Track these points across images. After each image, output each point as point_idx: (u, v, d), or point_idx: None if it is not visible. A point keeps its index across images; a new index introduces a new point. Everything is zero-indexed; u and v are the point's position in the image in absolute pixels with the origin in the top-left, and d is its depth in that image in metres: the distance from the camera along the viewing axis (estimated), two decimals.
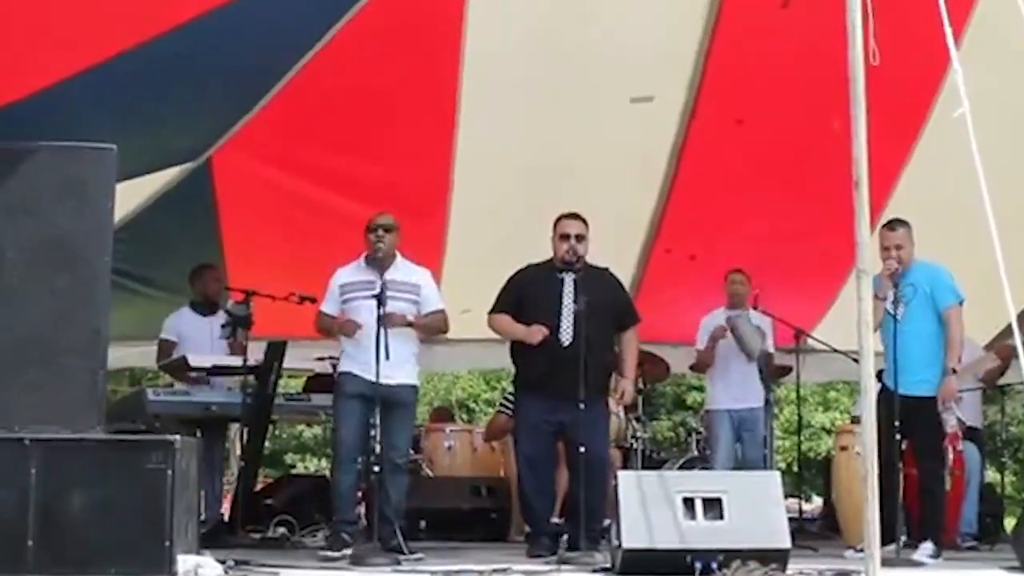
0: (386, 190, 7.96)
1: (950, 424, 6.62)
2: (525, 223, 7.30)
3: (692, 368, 8.83)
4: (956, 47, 4.65)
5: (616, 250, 9.08)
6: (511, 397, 7.87)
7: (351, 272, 6.47)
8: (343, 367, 6.42)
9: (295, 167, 8.05)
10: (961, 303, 6.56)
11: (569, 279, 6.48)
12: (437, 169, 8.20)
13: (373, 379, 6.01)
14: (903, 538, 6.20)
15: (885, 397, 6.26)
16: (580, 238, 6.51)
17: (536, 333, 6.40)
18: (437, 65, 7.29)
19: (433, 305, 6.55)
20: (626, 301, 6.93)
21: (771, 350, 8.05)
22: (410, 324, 6.36)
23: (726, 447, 7.96)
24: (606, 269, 6.74)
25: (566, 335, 6.38)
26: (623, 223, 8.95)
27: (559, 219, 6.62)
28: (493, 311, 6.66)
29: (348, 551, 5.96)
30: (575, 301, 6.35)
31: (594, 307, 6.33)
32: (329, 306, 6.50)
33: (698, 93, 7.73)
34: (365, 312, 6.20)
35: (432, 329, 6.69)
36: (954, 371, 6.49)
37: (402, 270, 6.44)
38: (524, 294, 6.61)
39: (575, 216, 6.60)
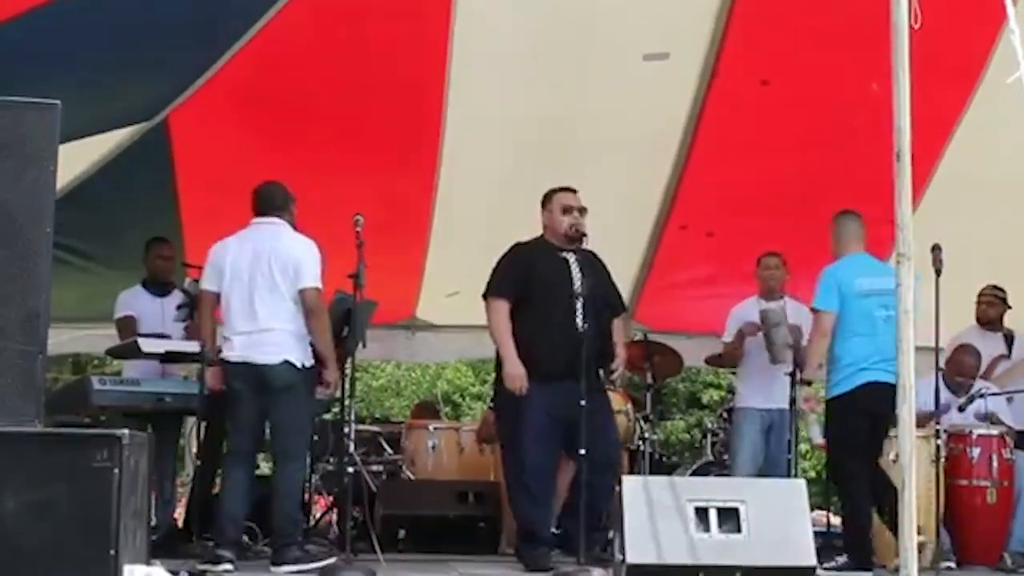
0: (367, 159, 7.94)
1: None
2: (522, 198, 7.29)
3: (708, 362, 8.84)
4: (1014, 2, 4.63)
5: (624, 227, 9.11)
6: None
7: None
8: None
9: (263, 130, 8.01)
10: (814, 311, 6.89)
11: (572, 258, 6.62)
12: (423, 137, 8.17)
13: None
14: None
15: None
16: (583, 212, 6.66)
17: (518, 380, 6.45)
18: (424, 18, 7.26)
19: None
20: (615, 286, 7.03)
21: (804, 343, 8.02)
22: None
23: (751, 448, 7.93)
24: (591, 251, 6.82)
25: (582, 319, 6.46)
26: (632, 196, 8.94)
27: (557, 192, 6.73)
28: (494, 295, 6.66)
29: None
30: (582, 283, 6.50)
31: (597, 289, 6.49)
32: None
33: (720, 50, 7.71)
34: None
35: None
36: (807, 383, 7.44)
37: None
38: (533, 276, 6.62)
39: (573, 189, 6.75)
